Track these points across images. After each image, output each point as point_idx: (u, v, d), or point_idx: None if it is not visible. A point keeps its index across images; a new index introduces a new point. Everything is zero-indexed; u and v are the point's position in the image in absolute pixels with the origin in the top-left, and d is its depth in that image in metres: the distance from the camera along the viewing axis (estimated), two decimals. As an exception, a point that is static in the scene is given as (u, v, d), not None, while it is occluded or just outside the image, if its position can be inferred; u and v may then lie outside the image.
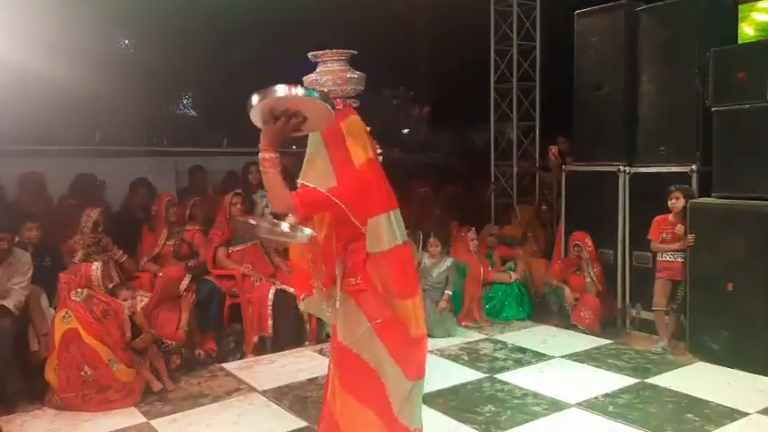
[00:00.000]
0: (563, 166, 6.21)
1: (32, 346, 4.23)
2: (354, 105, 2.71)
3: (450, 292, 5.60)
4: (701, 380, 4.37)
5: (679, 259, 4.95)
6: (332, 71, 2.67)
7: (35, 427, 3.76)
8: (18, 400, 3.97)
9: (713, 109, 4.87)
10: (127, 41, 9.81)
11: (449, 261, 5.71)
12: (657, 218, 5.08)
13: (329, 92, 2.64)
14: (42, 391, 4.03)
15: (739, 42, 5.15)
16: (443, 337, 5.35)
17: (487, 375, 4.51)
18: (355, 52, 2.67)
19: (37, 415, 3.90)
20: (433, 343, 5.23)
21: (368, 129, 2.64)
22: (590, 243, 5.60)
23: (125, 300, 4.28)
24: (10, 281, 4.15)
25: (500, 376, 4.48)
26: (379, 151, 2.69)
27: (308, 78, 2.68)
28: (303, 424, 3.72)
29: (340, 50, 2.61)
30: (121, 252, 5.20)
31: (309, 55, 2.66)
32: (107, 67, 7.77)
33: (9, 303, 4.06)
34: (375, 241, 2.54)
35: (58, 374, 3.92)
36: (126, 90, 7.67)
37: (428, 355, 5.06)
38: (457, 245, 6.17)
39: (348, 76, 2.68)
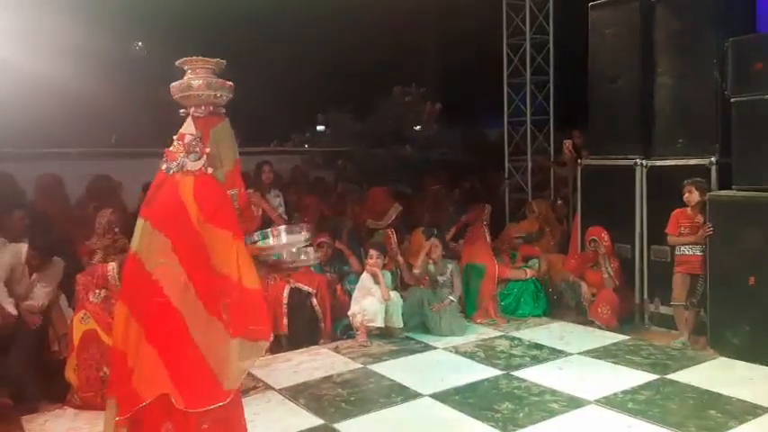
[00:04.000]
0: (578, 161, 6.15)
1: (53, 346, 4.28)
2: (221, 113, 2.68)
3: (454, 298, 5.55)
4: (723, 375, 4.31)
5: (698, 253, 4.88)
6: (204, 77, 2.60)
7: (57, 425, 3.79)
8: (40, 399, 4.01)
9: (732, 100, 4.80)
10: (140, 44, 9.88)
11: (451, 266, 5.66)
12: (676, 211, 5.02)
13: (219, 97, 2.61)
14: (63, 390, 4.06)
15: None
16: (448, 335, 5.30)
17: (504, 372, 4.47)
18: (224, 62, 2.64)
19: (58, 414, 3.93)
20: (447, 341, 5.21)
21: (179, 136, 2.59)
22: (606, 238, 5.53)
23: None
24: (39, 284, 4.23)
25: (517, 373, 4.45)
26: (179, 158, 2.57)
27: (181, 84, 2.60)
28: (319, 422, 3.72)
29: (208, 58, 2.60)
30: (138, 252, 5.23)
31: (177, 63, 2.62)
32: (121, 69, 7.84)
33: (26, 306, 4.09)
34: None
35: (78, 374, 3.95)
36: (140, 92, 7.73)
37: (443, 353, 5.08)
38: (475, 245, 6.14)
39: (215, 81, 2.62)
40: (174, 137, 2.60)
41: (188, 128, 2.59)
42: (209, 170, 2.56)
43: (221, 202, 2.57)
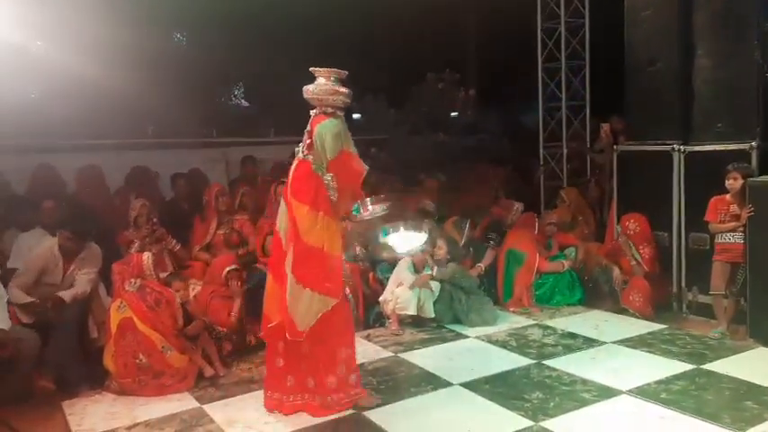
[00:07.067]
0: (614, 146, 6.02)
1: (93, 333, 4.41)
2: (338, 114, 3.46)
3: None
4: (761, 366, 4.19)
5: (739, 241, 4.74)
6: (319, 84, 3.44)
7: (96, 410, 3.92)
8: (80, 384, 4.14)
9: (774, 82, 4.63)
10: (180, 35, 10.02)
11: (452, 266, 5.49)
12: (714, 198, 4.88)
13: (322, 100, 3.41)
14: (102, 376, 4.19)
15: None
16: (479, 326, 5.23)
17: (536, 361, 4.44)
18: (346, 73, 3.44)
19: (97, 399, 4.07)
20: (479, 329, 5.19)
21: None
22: (633, 225, 5.45)
23: (178, 290, 4.42)
24: (80, 271, 4.36)
25: (548, 362, 4.41)
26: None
27: (308, 88, 3.45)
28: (348, 410, 3.75)
29: (333, 69, 3.42)
30: (175, 241, 5.37)
31: (311, 69, 3.41)
32: (158, 61, 7.97)
33: (68, 294, 4.23)
34: None
35: (116, 361, 4.07)
36: (176, 84, 7.86)
37: (475, 342, 5.04)
38: (521, 232, 6.07)
39: (337, 88, 3.44)
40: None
41: (308, 124, 3.43)
42: (309, 157, 3.37)
43: (309, 183, 3.31)
